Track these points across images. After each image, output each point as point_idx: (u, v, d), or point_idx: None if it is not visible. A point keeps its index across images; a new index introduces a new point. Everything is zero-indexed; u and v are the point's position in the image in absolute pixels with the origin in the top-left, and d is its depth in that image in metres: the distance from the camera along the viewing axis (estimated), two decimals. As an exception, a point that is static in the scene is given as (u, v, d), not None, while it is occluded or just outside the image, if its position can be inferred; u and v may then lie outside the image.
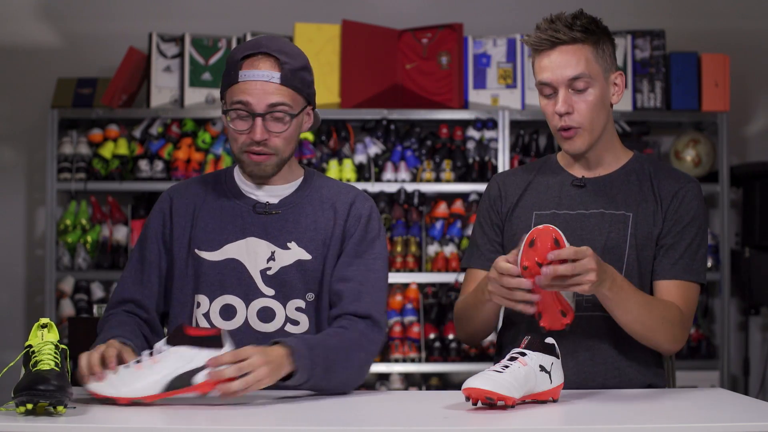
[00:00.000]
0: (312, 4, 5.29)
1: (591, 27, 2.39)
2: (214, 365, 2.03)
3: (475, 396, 1.99)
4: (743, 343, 5.18)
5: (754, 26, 5.32)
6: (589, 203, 2.44)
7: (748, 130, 5.35)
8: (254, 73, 2.31)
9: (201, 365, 2.03)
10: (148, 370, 2.04)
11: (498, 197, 2.53)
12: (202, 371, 2.03)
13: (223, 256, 2.38)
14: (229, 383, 2.02)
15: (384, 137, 5.03)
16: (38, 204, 5.23)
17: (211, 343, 2.05)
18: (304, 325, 2.36)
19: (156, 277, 2.41)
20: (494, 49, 5.00)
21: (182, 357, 2.03)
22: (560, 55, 2.37)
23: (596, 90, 2.39)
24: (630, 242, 2.41)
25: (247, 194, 2.42)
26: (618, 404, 2.13)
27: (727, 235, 5.01)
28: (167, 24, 5.12)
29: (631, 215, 2.42)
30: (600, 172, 2.48)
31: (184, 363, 2.03)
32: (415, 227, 5.01)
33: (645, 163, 2.50)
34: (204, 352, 2.04)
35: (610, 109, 2.45)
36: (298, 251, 2.37)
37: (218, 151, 4.98)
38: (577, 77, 2.37)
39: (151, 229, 2.44)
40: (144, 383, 2.03)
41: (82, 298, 4.96)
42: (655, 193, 2.44)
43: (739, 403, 2.21)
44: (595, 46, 2.39)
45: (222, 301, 2.36)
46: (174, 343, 2.05)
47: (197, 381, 2.03)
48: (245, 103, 2.31)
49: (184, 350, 2.04)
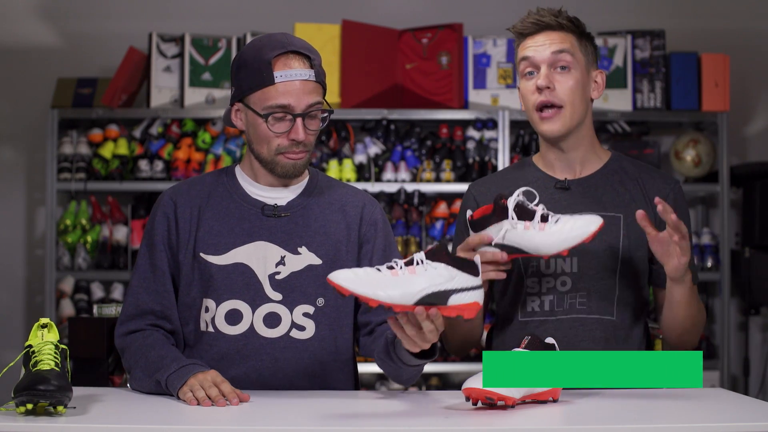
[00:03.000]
0: (312, 4, 5.29)
1: (575, 22, 2.42)
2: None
3: (475, 396, 1.99)
4: (743, 343, 5.18)
5: (754, 26, 5.32)
6: (575, 206, 2.42)
7: (748, 130, 5.35)
8: (290, 72, 2.26)
9: (459, 287, 1.97)
10: (405, 279, 1.95)
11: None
12: (458, 294, 1.97)
13: (231, 260, 2.34)
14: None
15: (384, 137, 5.03)
16: (38, 204, 5.23)
17: (470, 267, 1.99)
18: (310, 330, 2.33)
19: (170, 286, 2.36)
20: (494, 49, 5.01)
21: (441, 274, 1.97)
22: (545, 37, 2.40)
23: (578, 74, 2.40)
24: (623, 243, 2.40)
25: (254, 196, 2.38)
26: (618, 404, 2.13)
27: (727, 235, 5.00)
28: (167, 24, 5.12)
29: (622, 216, 2.41)
30: (582, 172, 2.46)
31: (444, 281, 1.97)
32: (415, 227, 5.01)
33: (625, 162, 2.50)
34: (463, 275, 1.98)
35: (590, 105, 2.45)
36: (309, 256, 2.34)
37: (218, 151, 4.98)
38: (561, 51, 2.38)
39: (158, 236, 2.37)
40: (399, 291, 1.94)
41: (82, 298, 4.96)
42: (643, 194, 2.43)
43: (739, 403, 2.20)
44: (579, 37, 2.42)
45: (228, 305, 2.33)
46: (434, 259, 1.98)
47: (453, 302, 1.97)
48: (285, 105, 2.26)
49: (444, 268, 1.97)
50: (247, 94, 2.30)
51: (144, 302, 2.35)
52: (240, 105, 2.34)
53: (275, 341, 2.31)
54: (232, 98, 2.36)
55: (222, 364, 2.29)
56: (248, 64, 2.29)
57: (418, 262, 1.97)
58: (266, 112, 2.27)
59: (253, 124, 2.31)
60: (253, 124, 2.31)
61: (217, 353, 2.31)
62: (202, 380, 2.11)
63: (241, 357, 2.31)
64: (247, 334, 2.32)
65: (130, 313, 2.35)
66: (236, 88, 2.34)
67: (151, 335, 2.31)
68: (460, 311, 1.98)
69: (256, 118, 2.29)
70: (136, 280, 2.38)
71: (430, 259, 1.97)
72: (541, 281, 2.40)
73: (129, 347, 2.31)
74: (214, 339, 2.32)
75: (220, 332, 2.32)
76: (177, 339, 2.35)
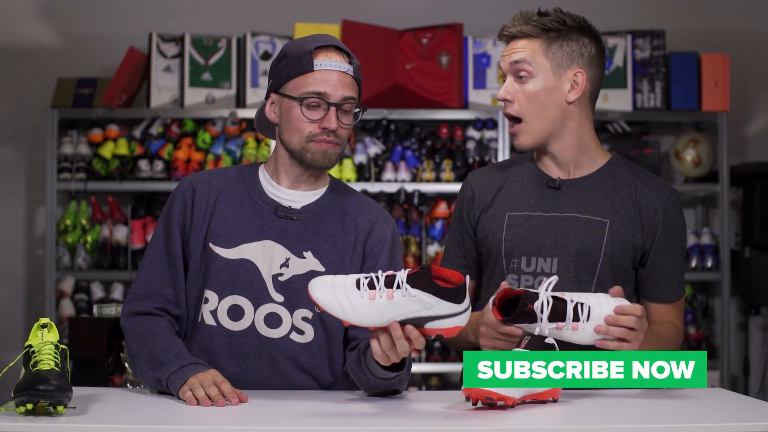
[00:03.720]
0: (312, 4, 5.29)
1: (550, 24, 2.38)
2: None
3: (475, 396, 1.99)
4: (743, 343, 5.18)
5: (754, 26, 5.32)
6: (563, 206, 2.41)
7: (748, 130, 5.35)
8: (331, 63, 2.31)
9: (437, 314, 1.97)
10: (380, 305, 1.96)
11: (471, 200, 2.50)
12: (435, 321, 1.97)
13: (238, 255, 2.34)
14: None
15: (384, 137, 5.03)
16: (38, 204, 5.23)
17: (452, 295, 1.98)
18: (309, 335, 2.33)
19: (182, 271, 2.36)
20: (494, 49, 5.01)
21: (421, 302, 1.97)
22: (511, 47, 2.41)
23: (539, 82, 2.37)
24: (605, 249, 2.38)
25: (270, 195, 2.39)
26: (618, 404, 2.13)
27: (727, 235, 5.00)
28: (167, 24, 5.12)
29: (608, 222, 2.39)
30: (575, 173, 2.45)
31: (421, 308, 1.98)
32: (415, 227, 5.01)
33: (622, 167, 2.46)
34: (443, 303, 1.97)
35: (571, 108, 2.39)
36: (313, 262, 2.34)
37: (218, 151, 4.98)
38: (518, 62, 2.38)
39: (175, 219, 2.37)
40: (372, 319, 1.97)
41: (82, 298, 4.96)
42: (634, 201, 2.41)
43: (739, 403, 2.21)
44: (550, 41, 2.38)
45: (231, 300, 2.33)
46: (415, 285, 1.97)
47: (430, 327, 1.98)
48: (321, 93, 2.30)
49: (423, 296, 1.97)
50: (284, 82, 2.34)
51: (155, 284, 2.35)
52: (275, 96, 2.36)
53: (275, 342, 2.31)
54: (268, 91, 2.39)
55: (220, 359, 2.29)
56: (289, 54, 2.34)
57: (398, 285, 1.97)
58: (302, 97, 2.30)
59: (287, 112, 2.33)
60: (286, 113, 2.33)
61: (217, 346, 2.32)
62: (202, 379, 2.12)
63: (240, 353, 2.31)
64: (247, 331, 2.32)
65: (140, 293, 2.35)
66: (273, 79, 2.37)
67: (157, 323, 2.31)
68: (439, 333, 2.00)
69: (291, 105, 2.32)
70: (149, 260, 2.37)
71: (410, 284, 1.96)
72: (520, 278, 2.40)
73: (134, 329, 2.31)
74: (215, 332, 2.32)
75: (222, 326, 2.32)
76: (181, 325, 2.36)
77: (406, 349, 2.01)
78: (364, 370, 2.19)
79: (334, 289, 1.98)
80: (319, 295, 1.98)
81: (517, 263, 2.40)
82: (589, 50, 2.40)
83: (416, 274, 1.97)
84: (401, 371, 2.16)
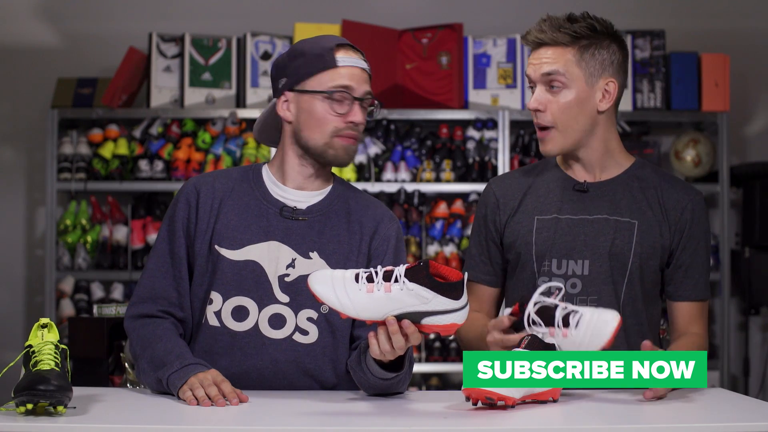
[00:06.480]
0: (312, 4, 5.30)
1: (582, 31, 2.36)
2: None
3: (475, 396, 1.99)
4: (743, 343, 5.18)
5: (754, 26, 5.32)
6: (592, 208, 2.42)
7: (748, 130, 5.35)
8: (352, 59, 2.35)
9: (434, 310, 1.99)
10: (377, 298, 1.99)
11: (495, 206, 2.50)
12: (432, 317, 1.99)
13: (244, 256, 2.34)
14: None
15: (384, 137, 5.04)
16: (38, 204, 5.24)
17: (450, 291, 1.99)
18: (313, 335, 2.33)
19: (186, 273, 2.36)
20: (494, 49, 5.01)
21: (418, 296, 1.99)
22: (541, 54, 2.39)
23: (572, 92, 2.37)
24: (635, 250, 2.39)
25: (275, 196, 2.38)
26: (618, 404, 2.13)
27: (727, 235, 5.01)
28: (167, 24, 5.12)
29: (637, 223, 2.41)
30: (601, 176, 2.45)
31: (418, 303, 1.99)
32: (415, 227, 5.01)
33: (647, 169, 2.48)
34: (440, 298, 1.99)
35: (600, 116, 2.40)
36: (319, 262, 2.34)
37: (218, 151, 4.97)
38: (550, 74, 2.37)
39: (179, 221, 2.37)
40: (370, 312, 2.00)
41: (82, 298, 4.96)
42: (660, 202, 2.43)
43: (739, 403, 2.21)
44: (582, 50, 2.36)
45: (236, 301, 2.32)
46: (413, 279, 1.99)
47: (426, 323, 1.99)
48: (347, 86, 2.32)
49: (420, 290, 1.99)
50: (304, 79, 2.34)
51: (160, 287, 2.34)
52: (290, 94, 2.36)
53: (278, 342, 2.31)
54: (281, 90, 2.37)
55: (222, 359, 2.29)
56: (306, 52, 2.34)
57: (396, 279, 1.99)
58: (330, 91, 2.31)
59: (308, 109, 2.33)
60: (307, 110, 2.33)
61: (219, 347, 2.31)
62: (202, 379, 2.12)
63: (243, 354, 2.31)
64: (251, 332, 2.32)
65: (144, 296, 2.35)
66: (288, 77, 2.36)
67: (161, 325, 2.30)
68: (436, 330, 2.01)
69: (313, 101, 2.32)
70: (153, 263, 2.37)
71: (408, 278, 1.98)
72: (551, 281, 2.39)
73: (137, 331, 2.31)
74: (218, 333, 2.32)
75: (226, 327, 2.32)
76: (186, 327, 2.35)
77: (402, 345, 2.03)
78: (364, 369, 2.19)
79: (333, 283, 2.01)
80: (318, 288, 2.01)
81: (548, 266, 2.41)
82: (618, 57, 2.41)
83: (414, 268, 1.99)
84: (400, 372, 2.16)
